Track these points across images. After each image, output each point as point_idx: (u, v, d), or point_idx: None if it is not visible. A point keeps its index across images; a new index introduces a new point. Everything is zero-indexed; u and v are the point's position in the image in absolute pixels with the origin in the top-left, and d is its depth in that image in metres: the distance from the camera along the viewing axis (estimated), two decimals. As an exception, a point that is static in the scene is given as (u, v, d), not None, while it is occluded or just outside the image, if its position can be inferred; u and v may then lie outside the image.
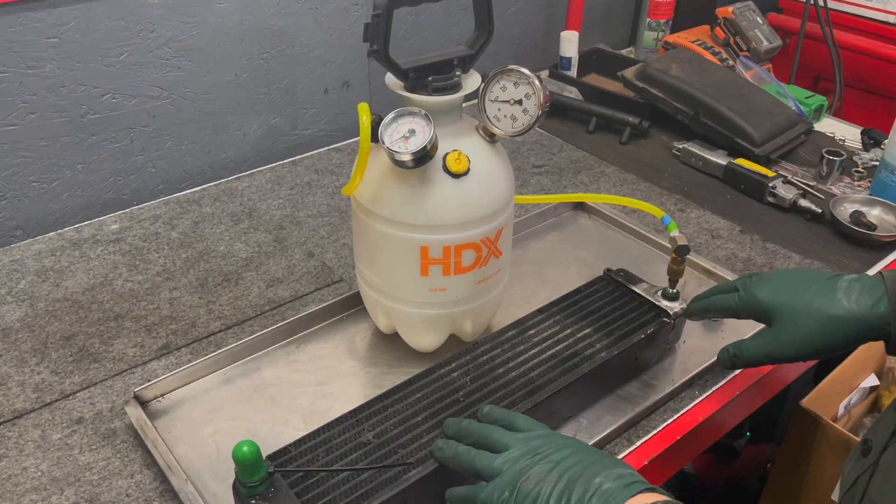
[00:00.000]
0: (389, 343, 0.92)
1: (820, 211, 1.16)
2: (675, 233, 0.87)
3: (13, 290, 1.00)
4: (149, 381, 0.85)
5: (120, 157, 1.21)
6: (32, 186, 1.14)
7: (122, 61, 1.14)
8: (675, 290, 0.88)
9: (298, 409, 0.83)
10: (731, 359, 0.77)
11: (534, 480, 0.58)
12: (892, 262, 1.09)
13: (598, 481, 0.56)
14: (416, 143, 0.71)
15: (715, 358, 0.89)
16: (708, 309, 0.82)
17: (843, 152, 1.26)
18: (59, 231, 1.13)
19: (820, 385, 1.14)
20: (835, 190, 1.25)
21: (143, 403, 0.82)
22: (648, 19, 1.67)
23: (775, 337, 0.73)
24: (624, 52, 1.77)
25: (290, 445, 0.70)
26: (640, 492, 0.55)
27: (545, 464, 0.58)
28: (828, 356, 0.73)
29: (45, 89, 1.09)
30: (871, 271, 1.07)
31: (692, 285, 1.03)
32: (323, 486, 0.66)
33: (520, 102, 0.75)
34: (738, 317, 0.79)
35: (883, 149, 1.34)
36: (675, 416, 0.83)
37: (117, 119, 1.17)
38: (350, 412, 0.73)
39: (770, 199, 1.20)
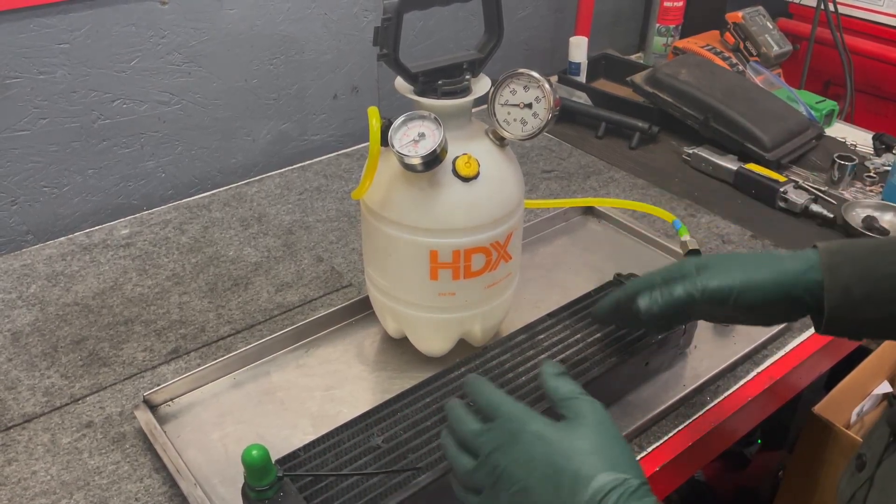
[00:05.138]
0: (398, 347, 0.91)
1: (832, 216, 1.15)
2: (685, 237, 0.87)
3: (24, 294, 1.01)
4: (158, 385, 0.85)
5: (130, 163, 1.21)
6: (43, 191, 1.15)
7: (133, 67, 1.15)
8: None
9: (307, 414, 0.83)
10: (652, 299, 0.69)
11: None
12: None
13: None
14: (426, 146, 0.71)
15: (725, 364, 0.89)
16: (627, 288, 0.73)
17: (854, 157, 1.25)
18: (70, 236, 1.13)
19: (832, 392, 1.14)
20: (846, 195, 1.24)
21: (152, 407, 0.82)
22: (658, 24, 1.67)
23: (704, 275, 0.67)
24: (633, 57, 1.77)
25: (299, 450, 0.69)
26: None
27: (515, 488, 0.54)
28: (764, 314, 0.68)
29: (57, 95, 1.10)
30: (884, 276, 1.06)
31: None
32: (332, 491, 0.65)
33: (530, 106, 0.75)
34: (664, 280, 0.71)
35: (895, 154, 1.34)
36: (686, 423, 0.83)
37: (128, 124, 1.18)
38: (359, 416, 0.73)
39: (781, 205, 1.20)
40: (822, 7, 1.66)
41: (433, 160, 0.71)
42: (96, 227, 1.15)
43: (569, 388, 0.58)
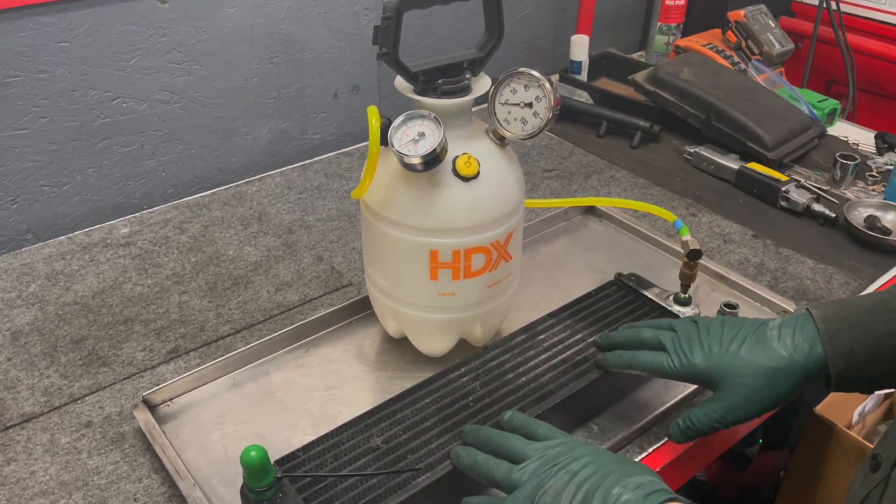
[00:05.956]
0: (398, 347, 0.91)
1: (833, 215, 1.15)
2: (687, 237, 0.87)
3: (23, 293, 1.01)
4: (157, 385, 0.84)
5: (130, 162, 1.21)
6: (43, 190, 1.15)
7: (133, 66, 1.14)
8: (687, 295, 0.87)
9: (307, 414, 0.83)
10: (683, 432, 0.72)
11: (552, 494, 0.57)
12: (907, 267, 1.08)
13: (616, 492, 0.55)
14: (426, 146, 0.71)
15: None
16: (634, 366, 0.75)
17: (856, 156, 1.25)
18: (70, 235, 1.13)
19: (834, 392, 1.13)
20: (849, 194, 1.24)
21: (151, 407, 0.82)
22: (659, 23, 1.66)
23: (724, 402, 0.70)
24: (634, 55, 1.76)
25: (298, 450, 0.69)
26: (662, 502, 0.54)
27: (562, 475, 0.58)
28: (779, 406, 0.71)
29: (56, 94, 1.09)
30: (886, 276, 1.05)
31: (704, 290, 1.02)
32: (331, 492, 0.65)
33: (530, 105, 0.75)
34: (673, 379, 0.76)
35: (897, 153, 1.33)
36: (688, 423, 0.82)
37: (128, 123, 1.18)
38: (359, 417, 0.73)
39: (783, 204, 1.19)
40: (825, 5, 1.66)
41: (433, 160, 0.71)
42: (96, 227, 1.15)
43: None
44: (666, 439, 0.80)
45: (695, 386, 0.85)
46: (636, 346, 0.76)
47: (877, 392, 1.20)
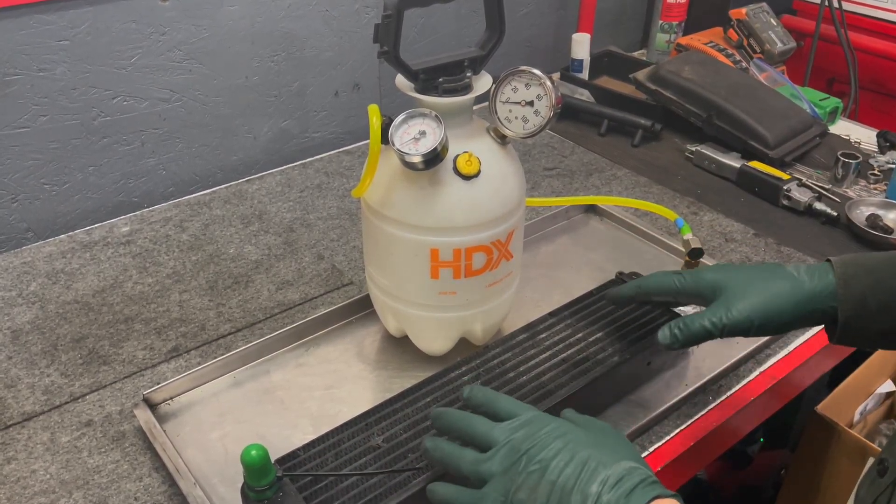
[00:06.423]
0: (399, 346, 0.91)
1: (835, 214, 1.14)
2: (688, 236, 0.86)
3: (24, 292, 1.01)
4: (158, 383, 0.84)
5: (131, 160, 1.21)
6: (43, 189, 1.15)
7: (133, 64, 1.14)
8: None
9: (307, 413, 0.83)
10: (672, 334, 0.69)
11: (525, 491, 0.54)
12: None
13: (594, 490, 0.52)
14: (427, 144, 0.71)
15: (728, 364, 0.88)
16: (643, 287, 0.76)
17: (858, 155, 1.24)
18: (70, 233, 1.13)
19: (835, 391, 1.13)
20: (850, 193, 1.23)
21: (152, 406, 0.82)
22: (661, 21, 1.66)
23: (724, 304, 0.68)
24: (636, 54, 1.76)
25: (298, 449, 0.69)
26: (647, 502, 0.51)
27: (533, 466, 0.55)
28: (778, 330, 0.68)
29: (57, 92, 1.09)
30: (888, 275, 1.05)
31: (705, 289, 1.02)
32: (332, 491, 0.65)
33: (531, 104, 0.74)
34: (679, 298, 0.74)
35: (899, 151, 1.33)
36: (689, 422, 0.82)
37: (128, 122, 1.18)
38: (359, 416, 0.73)
39: (784, 203, 1.19)
40: (827, 3, 1.65)
41: (434, 158, 0.71)
42: (96, 225, 1.15)
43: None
44: (667, 439, 0.80)
45: (696, 385, 0.85)
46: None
47: (878, 391, 1.21)
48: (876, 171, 1.28)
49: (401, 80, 0.76)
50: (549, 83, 0.73)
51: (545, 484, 0.54)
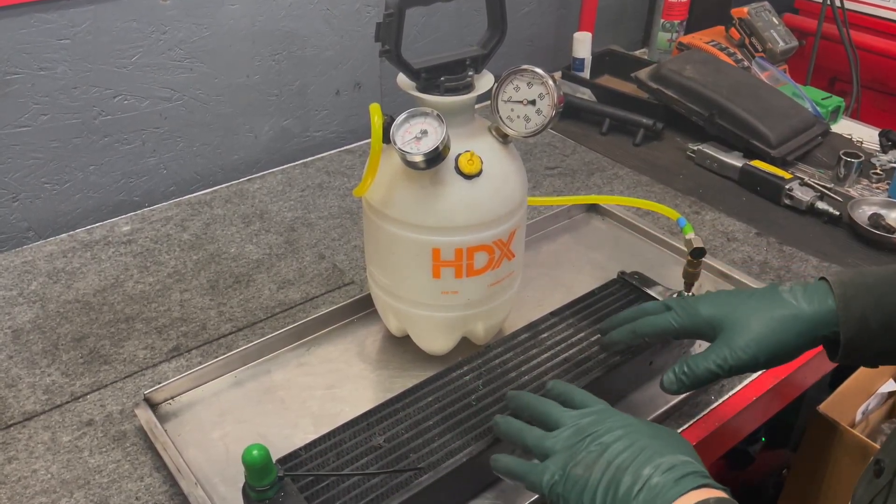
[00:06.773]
0: (400, 346, 0.91)
1: (837, 213, 1.14)
2: (690, 235, 0.86)
3: (24, 291, 1.00)
4: (159, 383, 0.84)
5: (131, 159, 1.21)
6: (44, 188, 1.14)
7: (134, 63, 1.14)
8: (690, 294, 0.87)
9: (308, 413, 0.82)
10: (678, 379, 0.67)
11: (582, 466, 0.57)
12: (911, 265, 1.07)
13: (646, 472, 0.54)
14: (428, 143, 0.71)
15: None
16: (638, 332, 0.72)
17: (860, 154, 1.24)
18: (71, 232, 1.13)
19: (837, 390, 1.13)
20: (852, 192, 1.23)
21: (153, 406, 0.82)
22: (662, 20, 1.65)
23: (727, 343, 0.66)
24: (637, 53, 1.76)
25: (299, 449, 0.69)
26: (693, 489, 0.52)
27: (594, 447, 0.57)
28: (783, 361, 0.67)
29: (58, 91, 1.09)
30: (890, 275, 1.05)
31: (708, 288, 1.01)
32: (333, 491, 0.65)
33: (533, 103, 0.74)
34: (678, 337, 0.72)
35: (901, 150, 1.33)
36: (691, 422, 0.82)
37: (129, 121, 1.18)
38: (360, 416, 0.72)
39: (786, 202, 1.19)
40: (829, 2, 1.65)
41: (435, 157, 0.71)
42: (97, 224, 1.14)
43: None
44: (669, 438, 0.80)
45: (698, 385, 0.84)
46: (640, 316, 0.74)
47: (880, 391, 1.20)
48: (878, 171, 1.28)
49: (402, 79, 0.76)
50: (550, 82, 0.73)
51: (602, 462, 0.56)
